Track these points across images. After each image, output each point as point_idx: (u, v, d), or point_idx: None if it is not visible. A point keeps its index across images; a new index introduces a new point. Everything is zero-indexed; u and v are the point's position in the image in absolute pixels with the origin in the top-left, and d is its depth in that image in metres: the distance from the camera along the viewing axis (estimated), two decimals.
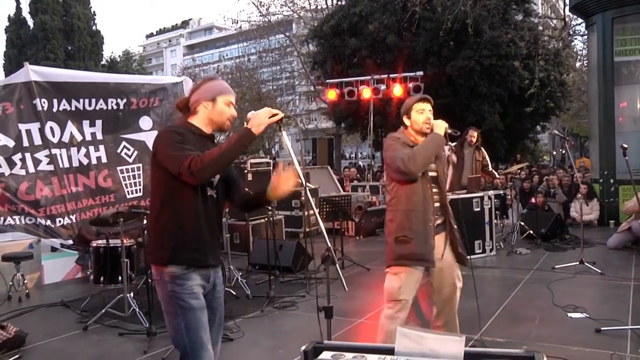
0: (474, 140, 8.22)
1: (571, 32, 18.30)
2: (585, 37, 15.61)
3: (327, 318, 2.28)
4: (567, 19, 16.69)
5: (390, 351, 1.41)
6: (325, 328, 2.26)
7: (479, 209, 7.58)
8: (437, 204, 3.50)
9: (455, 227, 3.62)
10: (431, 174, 3.48)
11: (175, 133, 2.42)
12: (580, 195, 9.40)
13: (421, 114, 3.45)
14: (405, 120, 3.52)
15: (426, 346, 1.39)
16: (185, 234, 2.44)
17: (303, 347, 1.51)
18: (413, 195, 3.40)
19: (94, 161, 6.89)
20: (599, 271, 6.36)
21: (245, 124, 2.42)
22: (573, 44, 20.25)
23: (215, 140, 2.64)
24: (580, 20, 15.85)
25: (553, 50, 17.13)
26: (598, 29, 10.47)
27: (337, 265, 2.36)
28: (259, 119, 2.37)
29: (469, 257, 3.71)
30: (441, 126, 3.43)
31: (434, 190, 3.47)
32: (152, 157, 2.50)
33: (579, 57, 21.41)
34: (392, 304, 3.47)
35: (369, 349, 1.45)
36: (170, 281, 2.42)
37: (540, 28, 18.80)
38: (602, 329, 4.30)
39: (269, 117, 2.37)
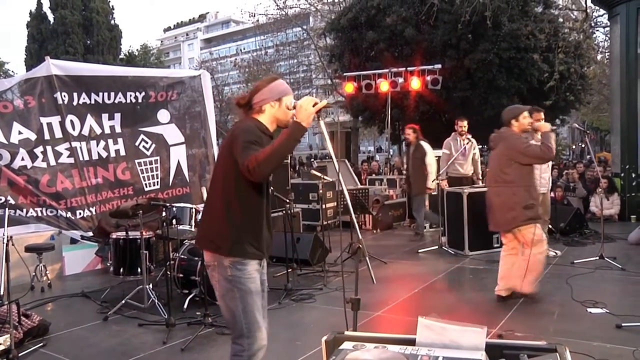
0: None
1: (593, 24, 17.97)
2: (608, 28, 15.33)
3: (353, 310, 2.28)
4: (588, 11, 16.36)
5: (411, 342, 1.41)
6: (350, 319, 2.26)
7: None
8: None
9: None
10: None
11: (253, 134, 2.49)
12: (600, 190, 9.27)
13: (525, 119, 4.95)
14: (514, 122, 4.95)
15: (447, 337, 1.39)
16: (249, 229, 2.58)
17: (324, 338, 1.52)
18: (531, 173, 4.92)
19: (112, 154, 6.96)
20: (620, 266, 6.26)
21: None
22: (594, 36, 19.91)
23: None
24: (602, 12, 15.56)
25: (573, 43, 16.83)
26: (622, 20, 10.27)
27: (367, 259, 2.38)
28: (306, 110, 2.42)
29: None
30: (547, 125, 4.99)
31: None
32: (225, 151, 2.58)
33: (600, 50, 21.04)
34: (538, 245, 4.91)
35: (390, 340, 1.45)
36: (230, 266, 2.55)
37: (561, 20, 18.47)
38: (623, 324, 4.24)
39: (313, 106, 2.42)
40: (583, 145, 36.97)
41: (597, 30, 19.47)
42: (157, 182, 7.30)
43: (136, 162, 7.14)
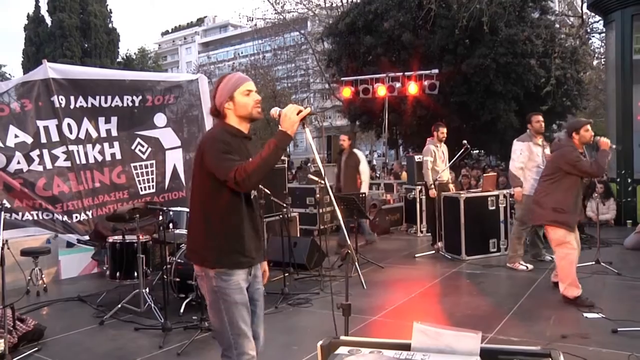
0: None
1: (589, 30, 18.05)
2: (603, 34, 15.41)
3: (344, 316, 2.27)
4: (584, 17, 16.45)
5: (406, 347, 1.41)
6: (341, 325, 2.25)
7: (494, 208, 7.53)
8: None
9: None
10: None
11: (221, 142, 2.48)
12: (596, 195, 9.28)
13: (587, 132, 5.10)
14: (575, 135, 5.11)
15: (442, 342, 1.39)
16: (231, 238, 2.55)
17: (320, 342, 1.52)
18: (572, 187, 5.07)
19: (108, 158, 6.95)
20: (616, 271, 6.28)
21: (267, 120, 2.50)
22: (590, 41, 19.98)
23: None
24: (598, 18, 15.64)
25: (570, 48, 16.90)
26: (617, 27, 10.33)
27: (357, 264, 2.38)
28: (290, 119, 2.39)
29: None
30: (607, 142, 5.12)
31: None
32: (197, 162, 2.58)
33: (596, 55, 21.11)
34: (562, 246, 5.10)
35: (386, 345, 1.45)
36: (215, 277, 2.53)
37: (557, 26, 18.55)
38: (618, 329, 4.25)
39: (297, 114, 2.40)
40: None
41: (593, 36, 19.56)
42: (153, 185, 7.29)
43: (132, 165, 7.13)
